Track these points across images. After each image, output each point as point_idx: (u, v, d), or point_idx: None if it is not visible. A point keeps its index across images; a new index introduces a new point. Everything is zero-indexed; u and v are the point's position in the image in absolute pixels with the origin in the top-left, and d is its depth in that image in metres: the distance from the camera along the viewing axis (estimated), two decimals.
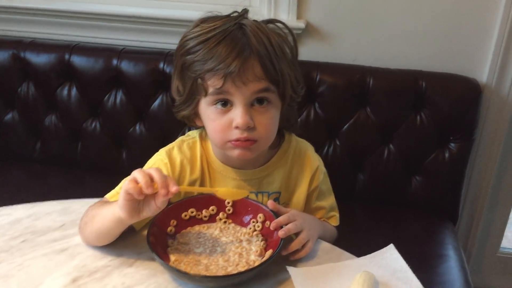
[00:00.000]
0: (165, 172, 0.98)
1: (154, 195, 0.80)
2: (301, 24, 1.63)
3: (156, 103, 1.70)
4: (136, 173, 0.80)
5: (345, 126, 1.61)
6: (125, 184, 0.80)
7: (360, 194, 1.66)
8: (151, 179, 0.79)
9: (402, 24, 1.60)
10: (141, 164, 1.02)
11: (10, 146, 1.85)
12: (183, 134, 1.65)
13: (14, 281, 0.85)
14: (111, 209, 0.86)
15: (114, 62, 1.69)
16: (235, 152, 0.93)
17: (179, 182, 1.00)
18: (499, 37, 1.55)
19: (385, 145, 1.61)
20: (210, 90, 0.89)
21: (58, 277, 0.86)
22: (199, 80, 0.90)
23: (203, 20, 0.94)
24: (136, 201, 0.81)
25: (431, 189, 1.62)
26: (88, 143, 1.79)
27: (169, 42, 1.72)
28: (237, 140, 0.91)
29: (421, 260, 1.38)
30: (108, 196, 0.97)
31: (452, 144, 1.57)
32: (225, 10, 0.98)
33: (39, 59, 1.74)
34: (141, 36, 1.79)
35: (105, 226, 0.88)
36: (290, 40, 0.97)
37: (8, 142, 1.84)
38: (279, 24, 0.97)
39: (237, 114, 0.89)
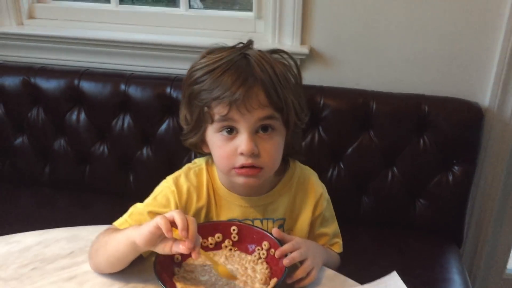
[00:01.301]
0: (172, 200, 1.00)
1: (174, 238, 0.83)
2: (305, 50, 1.66)
3: (163, 127, 1.73)
4: (176, 214, 0.82)
5: (349, 150, 1.63)
6: (159, 218, 0.81)
7: (365, 217, 1.67)
8: (186, 228, 0.81)
9: (404, 49, 1.63)
10: (148, 188, 1.05)
11: (20, 170, 1.88)
12: (190, 158, 1.70)
13: None
14: (126, 233, 0.88)
15: (122, 87, 1.73)
16: (241, 180, 0.95)
17: (186, 209, 1.01)
18: (500, 61, 1.57)
19: (389, 168, 1.63)
20: (216, 117, 0.92)
21: None
22: (206, 108, 0.93)
23: (210, 51, 0.97)
24: (158, 236, 0.83)
25: (436, 212, 1.63)
26: (96, 166, 1.82)
27: (176, 67, 1.76)
28: (242, 166, 0.93)
29: (426, 285, 1.39)
30: (116, 223, 0.99)
31: (456, 167, 1.58)
32: (230, 35, 1.01)
33: (49, 84, 1.78)
34: (148, 61, 1.83)
35: (119, 250, 0.89)
36: (294, 68, 1.00)
37: (18, 166, 1.88)
38: (283, 54, 1.00)
39: (242, 141, 0.91)
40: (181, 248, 0.82)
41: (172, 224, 0.82)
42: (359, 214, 1.67)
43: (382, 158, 1.62)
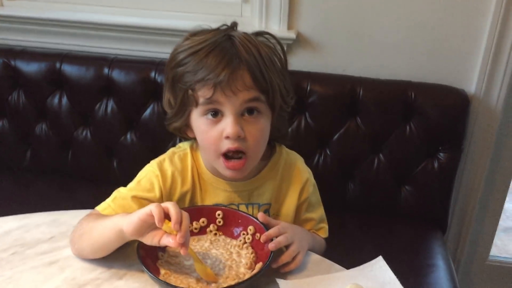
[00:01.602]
0: (156, 184, 0.98)
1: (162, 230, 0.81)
2: (291, 35, 1.64)
3: (147, 112, 1.70)
4: (171, 207, 0.80)
5: (336, 136, 1.62)
6: (153, 206, 0.80)
7: (350, 204, 1.67)
8: (179, 222, 0.79)
9: (392, 35, 1.62)
10: (132, 173, 1.03)
11: (0, 155, 1.84)
12: (174, 143, 1.68)
13: None
14: (113, 221, 0.86)
15: (105, 71, 1.69)
16: (227, 172, 0.95)
17: (170, 194, 1.00)
18: (487, 49, 1.57)
19: (375, 154, 1.63)
20: (201, 100, 0.90)
21: None
22: (190, 91, 0.91)
23: (193, 34, 0.95)
24: (148, 225, 0.81)
25: (421, 199, 1.63)
26: (79, 152, 1.79)
27: (161, 51, 1.73)
28: (228, 150, 0.91)
29: (410, 270, 1.39)
30: (99, 208, 0.97)
31: (441, 154, 1.59)
32: (216, 19, 0.99)
33: (29, 67, 1.74)
34: (132, 45, 1.79)
35: (105, 237, 0.87)
36: (279, 51, 0.98)
37: None
38: (267, 36, 0.98)
39: (227, 124, 0.90)
40: (171, 242, 0.80)
41: (165, 216, 0.80)
42: (344, 201, 1.67)
43: (368, 145, 1.61)
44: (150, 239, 0.83)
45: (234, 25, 0.96)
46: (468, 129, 1.60)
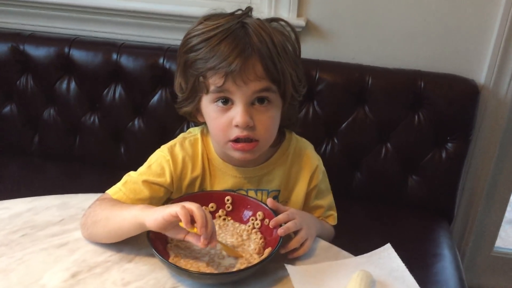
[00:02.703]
0: (167, 169, 0.99)
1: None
2: (301, 22, 1.63)
3: (155, 98, 1.70)
4: (196, 210, 0.80)
5: (343, 125, 1.62)
6: (179, 209, 0.80)
7: (357, 192, 1.67)
8: (205, 225, 0.80)
9: (401, 24, 1.61)
10: (139, 159, 1.03)
11: (8, 139, 1.84)
12: (182, 129, 1.68)
13: (14, 275, 0.86)
14: (132, 213, 0.86)
15: (114, 56, 1.69)
16: (236, 154, 0.94)
17: (180, 179, 1.00)
18: (497, 38, 1.56)
19: (383, 144, 1.62)
20: (211, 88, 0.90)
21: (57, 272, 0.87)
22: (201, 78, 0.91)
23: (207, 18, 0.94)
24: (172, 224, 0.82)
25: (428, 188, 1.63)
26: (87, 137, 1.79)
27: (169, 37, 1.73)
28: (237, 138, 0.91)
29: (416, 259, 1.38)
30: (110, 192, 0.97)
31: (449, 144, 1.58)
32: (226, 6, 0.98)
33: (38, 52, 1.73)
34: (141, 31, 1.79)
35: (123, 228, 0.88)
36: (293, 38, 0.97)
37: (6, 135, 1.84)
38: (282, 23, 0.98)
39: (237, 113, 0.89)
40: (198, 243, 0.81)
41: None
42: (351, 189, 1.67)
43: (376, 134, 1.61)
44: (173, 234, 0.85)
45: (248, 10, 0.94)
46: (477, 119, 1.60)
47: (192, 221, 0.80)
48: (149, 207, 0.86)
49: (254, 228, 0.94)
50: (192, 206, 0.81)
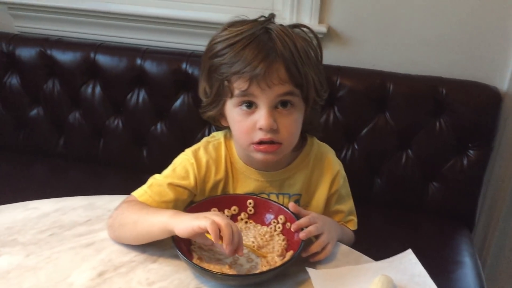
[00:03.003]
0: (191, 172, 1.01)
1: None
2: (322, 29, 1.64)
3: (178, 103, 1.73)
4: (224, 227, 0.81)
5: (364, 131, 1.62)
6: (209, 224, 0.81)
7: (377, 198, 1.67)
8: (230, 243, 0.81)
9: (423, 30, 1.61)
10: (161, 162, 1.05)
11: (35, 141, 1.89)
12: (204, 133, 1.70)
13: (43, 273, 0.89)
14: (161, 219, 0.88)
15: (138, 61, 1.72)
16: (259, 156, 0.96)
17: (204, 182, 1.02)
18: None
19: (404, 150, 1.62)
20: (236, 92, 0.92)
21: (85, 271, 0.89)
22: (226, 83, 0.93)
23: (231, 24, 0.96)
24: (201, 233, 0.83)
25: (449, 195, 1.62)
26: (110, 140, 1.83)
27: (192, 43, 1.76)
28: (261, 141, 0.93)
29: (437, 266, 1.37)
30: (136, 194, 0.99)
31: (471, 151, 1.57)
32: (248, 13, 1.00)
33: (65, 57, 1.78)
34: (164, 36, 1.82)
35: (151, 233, 0.90)
36: (315, 44, 0.99)
37: (33, 137, 1.89)
38: (304, 29, 0.99)
39: (261, 116, 0.91)
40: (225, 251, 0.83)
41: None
42: (371, 195, 1.67)
43: (397, 140, 1.61)
44: (201, 241, 0.88)
45: (271, 16, 0.96)
46: (499, 127, 1.59)
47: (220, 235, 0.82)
48: (178, 213, 0.88)
49: (276, 230, 0.95)
50: (221, 221, 0.82)
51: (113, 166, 1.82)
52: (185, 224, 0.84)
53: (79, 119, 1.83)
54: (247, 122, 0.93)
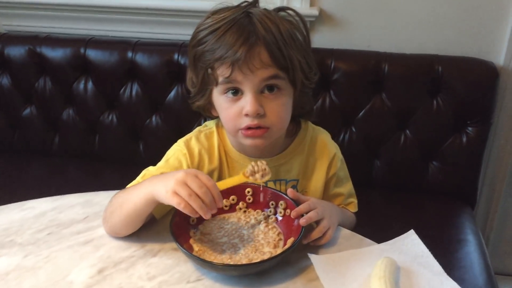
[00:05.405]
0: (184, 162, 0.99)
1: None
2: (314, 11, 1.62)
3: (172, 94, 1.71)
4: (190, 200, 0.80)
5: (361, 113, 1.61)
6: (181, 206, 0.80)
7: (377, 181, 1.66)
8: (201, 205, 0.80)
9: (416, 8, 1.59)
10: (158, 155, 1.05)
11: (29, 140, 1.88)
12: (199, 124, 1.67)
13: (42, 272, 0.88)
14: (141, 192, 0.87)
15: (129, 54, 1.70)
16: (247, 141, 0.95)
17: None
18: None
19: (402, 131, 1.61)
20: (220, 79, 0.91)
21: (84, 268, 0.88)
22: (209, 70, 0.92)
23: (214, 12, 0.95)
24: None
25: (449, 174, 1.61)
26: (105, 135, 1.81)
27: (183, 33, 1.73)
28: (248, 127, 0.92)
29: (440, 245, 1.37)
30: (129, 186, 0.98)
31: (470, 128, 1.56)
32: (237, 1, 0.98)
33: (55, 53, 1.76)
34: (155, 28, 1.80)
35: (138, 209, 0.88)
36: (302, 26, 0.97)
37: (27, 136, 1.87)
38: (290, 12, 0.97)
39: (247, 102, 0.90)
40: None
41: None
42: (371, 178, 1.66)
43: (394, 121, 1.60)
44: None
45: (255, 1, 0.95)
46: (497, 102, 1.57)
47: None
48: (153, 181, 0.87)
49: (275, 214, 0.95)
50: (184, 195, 0.80)
51: (110, 162, 1.81)
52: (164, 199, 0.83)
53: (73, 116, 1.81)
54: (233, 109, 0.92)
